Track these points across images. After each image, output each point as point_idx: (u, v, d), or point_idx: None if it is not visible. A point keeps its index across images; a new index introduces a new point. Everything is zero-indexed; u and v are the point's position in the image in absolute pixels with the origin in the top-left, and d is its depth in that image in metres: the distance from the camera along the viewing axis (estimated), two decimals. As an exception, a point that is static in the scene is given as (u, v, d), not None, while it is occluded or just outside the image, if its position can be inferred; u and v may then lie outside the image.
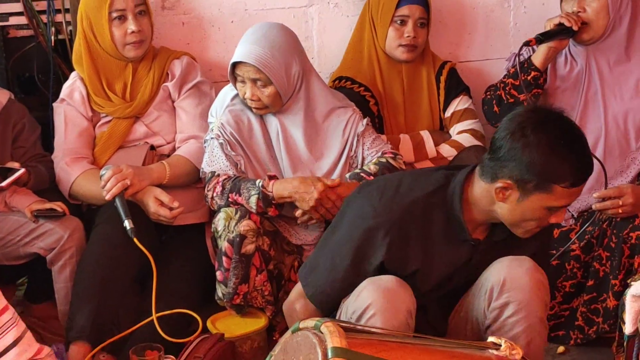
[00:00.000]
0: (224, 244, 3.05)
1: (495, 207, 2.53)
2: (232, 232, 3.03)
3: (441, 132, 3.72)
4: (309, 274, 2.72)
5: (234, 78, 3.22)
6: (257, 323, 3.14)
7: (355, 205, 2.66)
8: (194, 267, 3.31)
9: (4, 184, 3.21)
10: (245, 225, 3.04)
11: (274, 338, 3.17)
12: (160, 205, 3.18)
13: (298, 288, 2.78)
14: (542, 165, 2.40)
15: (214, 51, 3.79)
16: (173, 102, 3.50)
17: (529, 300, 2.52)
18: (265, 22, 3.37)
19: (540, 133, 2.42)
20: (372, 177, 3.17)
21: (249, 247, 3.04)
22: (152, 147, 3.44)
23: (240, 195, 3.10)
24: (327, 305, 2.70)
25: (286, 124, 3.27)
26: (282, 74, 3.16)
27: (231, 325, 3.12)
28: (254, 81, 3.15)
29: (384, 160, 3.25)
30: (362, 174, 3.20)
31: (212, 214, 3.28)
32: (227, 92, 3.32)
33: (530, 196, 2.45)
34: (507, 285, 2.54)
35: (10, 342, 2.04)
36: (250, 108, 3.26)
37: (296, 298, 2.77)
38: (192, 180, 3.39)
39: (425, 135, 3.63)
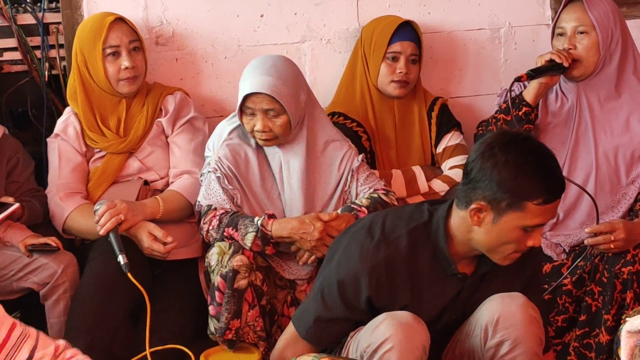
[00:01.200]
0: (216, 279, 3.05)
1: (472, 234, 2.55)
2: (225, 267, 3.04)
3: (433, 167, 3.74)
4: (301, 315, 2.75)
5: (241, 111, 3.21)
6: (250, 358, 3.12)
7: (343, 245, 2.69)
8: (187, 302, 3.31)
9: (-4, 219, 3.23)
10: (239, 260, 3.04)
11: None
12: (154, 240, 3.19)
13: (285, 336, 2.81)
14: (512, 182, 2.43)
15: (207, 87, 3.81)
16: (167, 137, 3.52)
17: (524, 337, 2.53)
18: (266, 54, 3.39)
19: (509, 151, 2.46)
20: (364, 210, 3.19)
21: (241, 282, 3.04)
22: (146, 182, 3.45)
23: (237, 231, 3.10)
24: (325, 342, 2.72)
25: (288, 154, 3.27)
26: (294, 103, 3.17)
27: (224, 361, 3.12)
28: (266, 112, 3.16)
29: (375, 195, 3.26)
30: (354, 207, 3.22)
31: (205, 248, 3.29)
32: (225, 126, 3.33)
33: (504, 216, 2.47)
34: (500, 323, 2.55)
35: (26, 356, 2.07)
36: (248, 142, 3.27)
37: (285, 346, 2.80)
38: (186, 215, 3.40)
39: (417, 170, 3.65)
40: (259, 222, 3.10)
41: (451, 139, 3.72)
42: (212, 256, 3.09)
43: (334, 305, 2.65)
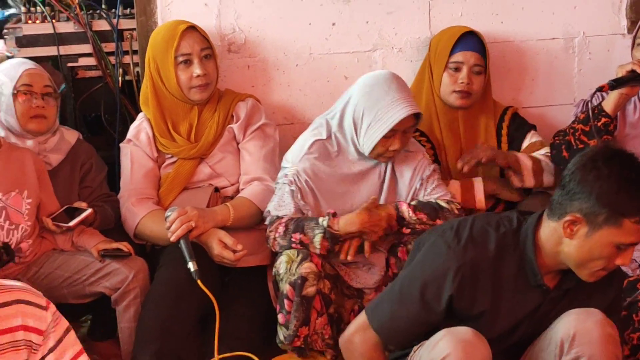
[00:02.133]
0: (285, 287, 3.05)
1: (562, 247, 2.50)
2: (294, 274, 3.04)
3: (501, 179, 3.69)
4: (375, 307, 2.70)
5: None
6: (317, 368, 3.13)
7: (428, 243, 2.65)
8: (256, 310, 3.31)
9: (71, 223, 3.27)
10: (307, 267, 3.04)
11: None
12: (224, 247, 3.20)
13: (357, 322, 2.76)
14: (612, 196, 2.38)
15: (278, 94, 3.82)
16: (238, 143, 3.53)
17: (600, 355, 2.48)
18: (378, 71, 3.33)
19: (613, 165, 2.41)
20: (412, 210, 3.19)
21: (310, 290, 3.04)
22: (217, 189, 3.47)
23: (304, 235, 3.10)
24: (394, 340, 2.69)
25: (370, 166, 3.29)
26: None
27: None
28: (404, 131, 3.18)
29: (432, 200, 3.25)
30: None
31: (274, 256, 3.30)
32: (307, 138, 3.31)
33: (599, 230, 2.42)
34: (577, 339, 2.49)
35: None
36: (329, 157, 3.26)
37: (355, 331, 2.75)
38: (255, 222, 3.41)
39: (477, 182, 3.59)
40: (325, 222, 3.10)
41: (532, 137, 3.69)
42: (281, 264, 3.09)
43: (411, 301, 2.61)
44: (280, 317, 3.09)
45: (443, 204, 3.23)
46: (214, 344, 3.00)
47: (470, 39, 3.62)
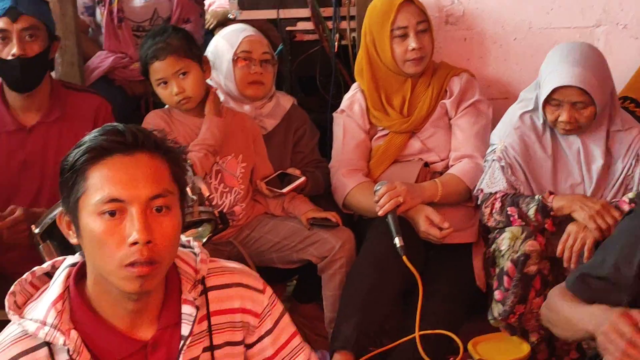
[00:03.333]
0: (506, 264, 3.03)
1: None
2: (517, 251, 3.01)
3: None
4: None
5: (545, 101, 3.13)
6: (519, 351, 3.07)
7: None
8: (459, 288, 3.30)
9: (284, 190, 3.37)
10: (531, 245, 3.00)
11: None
12: (430, 224, 3.20)
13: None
14: None
15: (493, 68, 3.76)
16: (450, 119, 3.50)
17: None
18: (571, 42, 3.28)
19: None
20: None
21: (531, 268, 3.00)
22: (426, 164, 3.46)
23: (520, 209, 3.07)
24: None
25: (588, 142, 3.19)
26: (601, 93, 3.07)
27: (492, 351, 3.08)
28: (574, 104, 3.09)
29: None
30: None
31: (482, 234, 3.30)
32: (515, 111, 3.28)
33: None
34: None
35: None
36: (540, 130, 3.21)
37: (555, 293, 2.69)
38: (463, 199, 3.39)
39: None
40: (539, 197, 3.06)
41: None
42: (504, 240, 3.06)
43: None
44: (498, 294, 3.07)
45: None
46: (415, 320, 3.03)
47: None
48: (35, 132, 3.28)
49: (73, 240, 1.87)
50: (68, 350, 1.81)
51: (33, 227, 2.83)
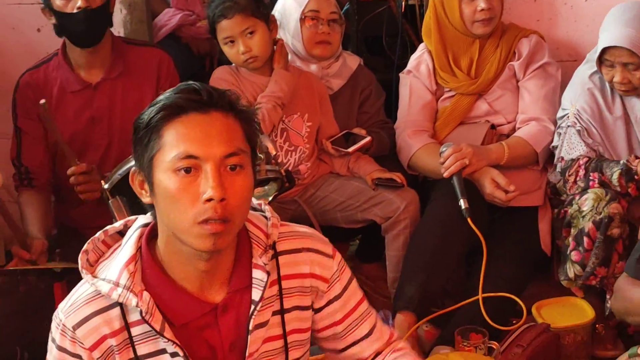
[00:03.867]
0: (587, 225, 3.00)
1: None
2: (600, 213, 2.98)
3: None
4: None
5: (599, 61, 3.11)
6: (584, 316, 3.06)
7: None
8: (523, 251, 3.28)
9: (350, 149, 3.38)
10: (615, 208, 2.98)
11: (597, 332, 3.10)
12: (496, 187, 3.18)
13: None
14: None
15: (563, 30, 3.68)
16: (517, 81, 3.46)
17: None
18: (630, 2, 3.19)
19: None
20: None
21: (614, 231, 2.98)
22: (493, 126, 3.43)
23: (602, 174, 3.05)
24: None
25: None
26: None
27: (556, 315, 3.07)
28: (625, 65, 3.05)
29: None
30: None
31: (549, 197, 3.29)
32: (583, 72, 3.25)
33: None
34: None
35: (365, 332, 2.10)
36: (607, 90, 3.18)
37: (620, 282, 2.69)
38: (530, 163, 3.37)
39: None
40: (624, 161, 3.03)
41: None
42: (587, 202, 3.04)
43: None
44: (575, 255, 3.05)
45: None
46: (478, 281, 3.04)
47: None
48: (101, 89, 3.33)
49: (146, 199, 1.88)
50: (141, 312, 1.84)
51: (103, 182, 2.89)
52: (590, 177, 3.06)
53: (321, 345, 2.15)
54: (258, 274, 1.92)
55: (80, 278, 1.93)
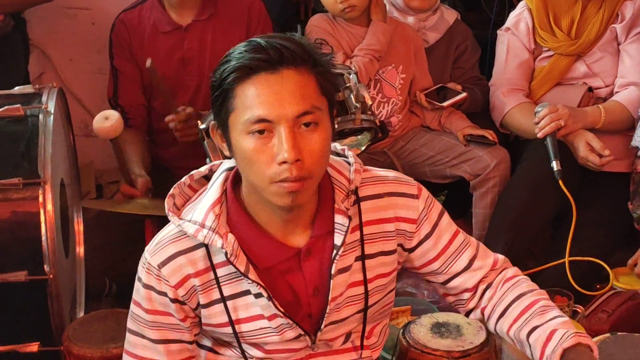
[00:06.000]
0: None
1: None
2: None
3: None
4: None
5: None
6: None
7: None
8: (612, 216, 3.24)
9: (445, 103, 3.36)
10: None
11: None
12: (590, 151, 3.14)
13: None
14: None
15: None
16: (618, 44, 3.38)
17: None
18: None
19: None
20: None
21: None
22: (590, 89, 3.38)
23: None
24: None
25: None
26: None
27: (634, 282, 3.04)
28: None
29: None
30: None
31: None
32: None
33: None
34: None
35: (464, 264, 2.09)
36: None
37: None
38: (625, 128, 3.31)
39: None
40: None
41: None
42: None
43: None
44: None
45: None
46: (565, 244, 3.01)
47: None
48: (191, 31, 3.36)
49: (226, 152, 1.89)
50: (226, 253, 1.86)
51: (199, 122, 2.93)
52: None
53: (425, 279, 2.16)
54: (340, 219, 1.93)
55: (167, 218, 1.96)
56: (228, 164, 1.97)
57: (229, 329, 1.95)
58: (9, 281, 2.65)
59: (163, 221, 2.00)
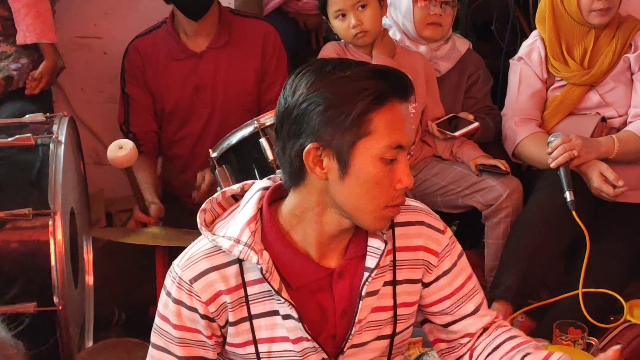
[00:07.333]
0: None
1: None
2: None
3: None
4: None
5: None
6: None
7: None
8: (627, 247, 3.21)
9: (457, 133, 3.34)
10: None
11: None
12: (604, 181, 3.11)
13: None
14: None
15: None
16: (632, 74, 3.36)
17: None
18: None
19: None
20: None
21: None
22: (603, 119, 3.35)
23: None
24: None
25: None
26: None
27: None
28: None
29: None
30: None
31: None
32: None
33: None
34: None
35: (472, 309, 2.10)
36: None
37: None
38: (639, 158, 3.28)
39: None
40: None
41: None
42: None
43: None
44: None
45: None
46: (578, 276, 2.98)
47: None
48: (206, 58, 3.37)
49: (319, 174, 1.85)
50: (261, 269, 1.86)
51: (210, 151, 2.92)
52: None
53: (427, 319, 2.16)
54: (375, 243, 1.95)
55: (178, 247, 1.95)
56: (262, 183, 1.98)
57: (251, 348, 1.95)
58: (18, 312, 2.63)
59: (173, 251, 1.99)
